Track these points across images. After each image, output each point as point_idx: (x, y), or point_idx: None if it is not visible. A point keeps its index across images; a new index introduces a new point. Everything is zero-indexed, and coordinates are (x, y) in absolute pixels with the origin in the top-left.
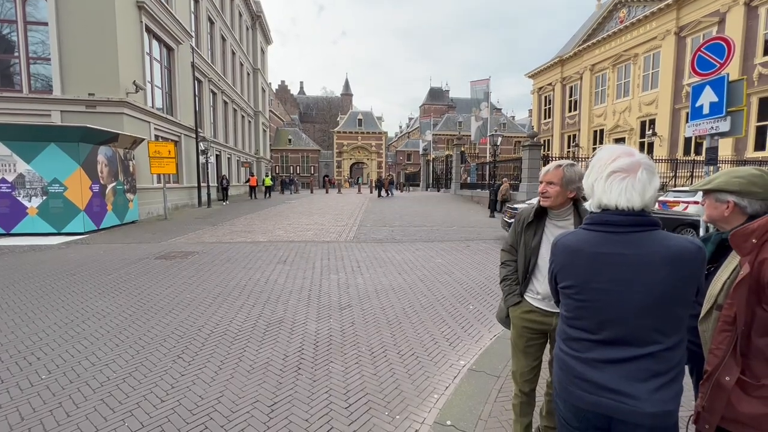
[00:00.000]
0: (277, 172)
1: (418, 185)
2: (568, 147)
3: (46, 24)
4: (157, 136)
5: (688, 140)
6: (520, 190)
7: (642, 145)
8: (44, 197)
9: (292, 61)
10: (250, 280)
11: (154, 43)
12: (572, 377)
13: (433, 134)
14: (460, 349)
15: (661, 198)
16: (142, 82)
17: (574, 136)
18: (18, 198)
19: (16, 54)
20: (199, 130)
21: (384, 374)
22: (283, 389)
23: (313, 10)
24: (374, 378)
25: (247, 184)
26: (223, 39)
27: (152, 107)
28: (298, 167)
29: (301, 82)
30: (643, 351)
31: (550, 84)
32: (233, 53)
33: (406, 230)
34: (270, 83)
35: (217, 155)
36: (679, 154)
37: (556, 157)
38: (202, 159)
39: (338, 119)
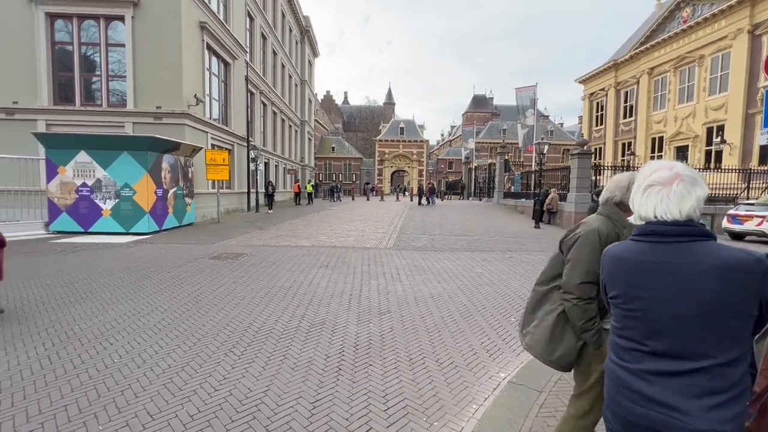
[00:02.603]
0: (320, 179)
1: (459, 194)
2: (623, 155)
3: (123, 45)
4: (213, 145)
5: (764, 148)
6: (568, 200)
7: (708, 153)
8: (117, 200)
9: (338, 72)
10: (294, 282)
11: (213, 59)
12: (620, 387)
13: (475, 142)
14: (501, 361)
15: (731, 212)
16: (201, 95)
17: (630, 143)
18: (95, 200)
19: (98, 73)
20: (250, 139)
21: (422, 381)
22: (325, 388)
23: (359, 21)
24: (412, 384)
25: (293, 190)
26: (275, 53)
27: (210, 118)
28: (340, 174)
29: (345, 92)
30: (695, 365)
31: (602, 89)
32: (283, 66)
33: (446, 239)
34: (316, 94)
35: (265, 163)
36: (754, 163)
37: (608, 167)
38: (252, 166)
39: (380, 128)
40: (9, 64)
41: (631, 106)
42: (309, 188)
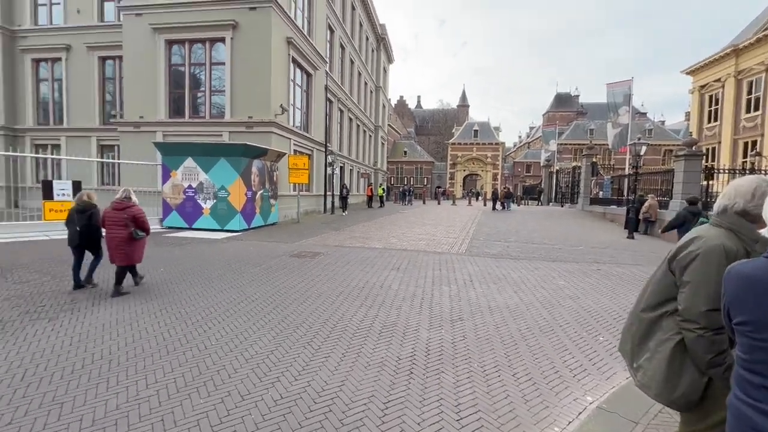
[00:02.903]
0: (392, 182)
1: (536, 199)
2: (744, 157)
3: (223, 63)
4: (295, 151)
5: None
6: (670, 208)
7: None
8: (214, 200)
9: (412, 76)
10: (367, 283)
11: (297, 70)
12: (748, 428)
13: (557, 144)
14: (587, 383)
15: None
16: (286, 104)
17: (755, 142)
18: (198, 200)
19: (202, 89)
20: (328, 144)
21: (497, 394)
22: (396, 390)
23: (434, 25)
24: (487, 396)
25: (365, 193)
26: (352, 62)
27: (293, 126)
28: (411, 178)
29: (419, 96)
30: None
31: (718, 80)
32: (359, 74)
33: (523, 247)
34: (389, 99)
35: (341, 167)
36: None
37: (725, 170)
38: (329, 170)
39: (453, 131)
40: (138, 85)
41: (757, 99)
42: (381, 191)
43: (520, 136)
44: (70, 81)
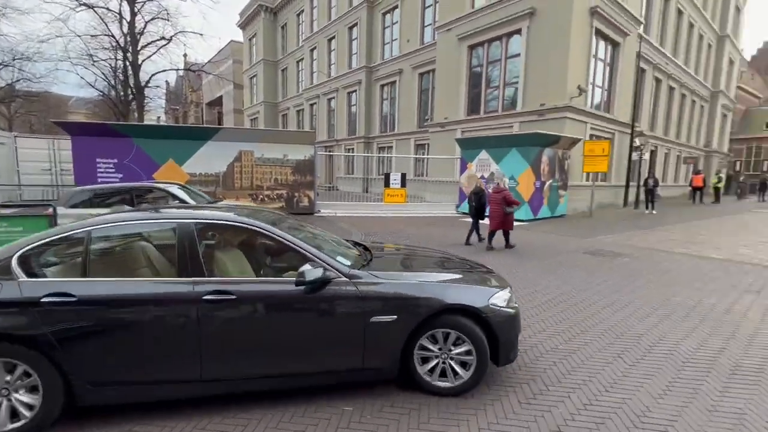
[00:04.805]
0: (737, 169)
1: None
2: None
3: (518, 55)
4: (591, 135)
5: None
6: None
7: None
8: None
9: None
10: (699, 304)
11: (600, 43)
12: None
13: None
14: None
15: None
16: (584, 84)
17: None
18: (488, 190)
19: (495, 84)
20: (635, 124)
21: None
22: None
23: None
24: None
25: (688, 185)
26: (679, 12)
27: (590, 107)
28: None
29: None
30: None
31: None
32: (690, 26)
33: None
34: (743, 49)
35: (651, 150)
36: None
37: None
38: (634, 156)
39: None
40: (445, 90)
41: None
42: (715, 182)
43: None
44: (400, 97)
